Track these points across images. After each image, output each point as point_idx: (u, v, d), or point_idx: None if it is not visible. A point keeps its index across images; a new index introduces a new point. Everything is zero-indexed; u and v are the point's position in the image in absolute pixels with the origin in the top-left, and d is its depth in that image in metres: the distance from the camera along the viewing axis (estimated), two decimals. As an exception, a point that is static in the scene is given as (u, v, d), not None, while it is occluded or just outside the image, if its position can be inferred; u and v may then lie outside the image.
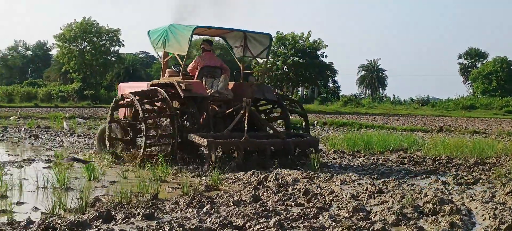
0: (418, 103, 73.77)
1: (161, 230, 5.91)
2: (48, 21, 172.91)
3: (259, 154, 11.82)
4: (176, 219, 6.51)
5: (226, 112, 12.77)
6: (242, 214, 6.73)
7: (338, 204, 7.71)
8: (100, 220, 6.40)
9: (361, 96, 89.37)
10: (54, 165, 10.69)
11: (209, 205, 7.33)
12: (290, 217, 6.72)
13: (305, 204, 7.70)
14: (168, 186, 9.29)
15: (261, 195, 8.28)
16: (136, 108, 11.96)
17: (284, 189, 8.83)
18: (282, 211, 7.11)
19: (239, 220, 6.39)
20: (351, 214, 6.90)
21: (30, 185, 8.86)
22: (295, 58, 60.60)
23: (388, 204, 7.63)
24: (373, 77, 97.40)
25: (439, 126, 29.78)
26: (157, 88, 12.21)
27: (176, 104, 12.41)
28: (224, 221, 6.31)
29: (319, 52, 61.94)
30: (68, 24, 63.78)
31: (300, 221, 6.55)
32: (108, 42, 66.00)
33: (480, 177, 10.68)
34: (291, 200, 7.88)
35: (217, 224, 6.19)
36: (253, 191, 8.55)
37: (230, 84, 13.23)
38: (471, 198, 8.13)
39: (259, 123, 12.75)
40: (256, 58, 13.83)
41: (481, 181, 10.27)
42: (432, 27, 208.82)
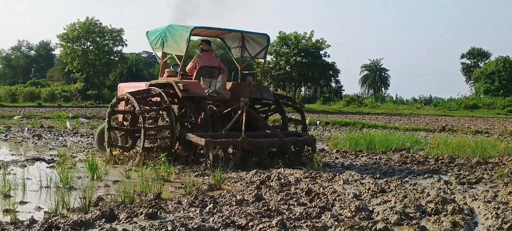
0: (421, 103, 73.78)
1: (164, 230, 5.91)
2: (48, 21, 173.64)
3: (257, 153, 11.86)
4: (179, 219, 6.52)
5: (224, 112, 12.83)
6: (244, 213, 6.74)
7: (340, 203, 7.72)
8: (103, 219, 6.41)
9: (363, 96, 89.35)
10: (57, 164, 10.72)
11: (211, 204, 7.35)
12: (293, 217, 6.73)
13: (308, 203, 7.71)
14: (171, 186, 9.31)
15: (263, 194, 8.30)
16: (134, 107, 11.96)
17: (287, 189, 8.85)
18: (285, 211, 7.12)
19: (241, 220, 6.40)
20: (353, 213, 6.91)
21: (33, 185, 8.88)
22: (298, 58, 60.52)
23: (390, 203, 7.64)
24: (375, 77, 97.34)
25: (441, 126, 29.77)
26: (153, 88, 12.30)
27: (175, 108, 12.45)
28: (227, 220, 6.31)
29: (321, 52, 61.87)
30: (71, 24, 63.84)
31: (303, 221, 6.56)
32: (111, 42, 65.99)
33: (483, 176, 10.68)
34: (293, 200, 7.89)
35: (220, 224, 6.20)
36: (256, 190, 8.56)
37: (228, 84, 13.30)
38: (473, 198, 8.13)
39: (257, 123, 12.78)
40: (254, 58, 13.84)
41: (484, 180, 10.27)
42: (434, 27, 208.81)
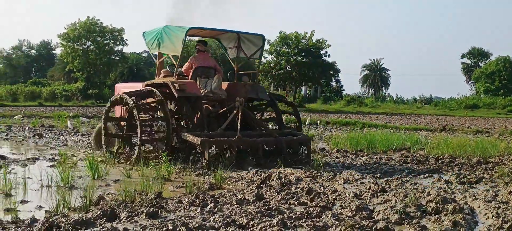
0: (421, 103, 73.83)
1: (164, 229, 5.91)
2: (48, 21, 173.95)
3: (252, 152, 11.91)
4: (179, 218, 6.53)
5: (219, 112, 12.91)
6: (245, 212, 6.74)
7: (341, 203, 7.72)
8: (104, 218, 6.42)
9: (364, 95, 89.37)
10: (58, 163, 10.73)
11: (212, 203, 7.35)
12: (293, 216, 6.73)
13: (308, 203, 7.72)
14: (172, 185, 9.32)
15: (264, 193, 8.31)
16: (131, 108, 11.98)
17: (287, 188, 8.85)
18: (285, 210, 7.13)
19: (242, 219, 6.41)
20: (354, 213, 6.92)
21: (34, 184, 8.89)
22: (298, 58, 60.44)
23: (391, 203, 7.65)
24: (376, 76, 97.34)
25: (442, 125, 29.77)
26: (149, 88, 12.34)
27: (171, 105, 12.51)
28: (228, 219, 6.32)
29: (322, 51, 61.79)
30: (72, 23, 63.83)
31: (303, 220, 6.57)
32: (112, 41, 65.95)
33: (483, 176, 10.69)
34: (294, 199, 7.89)
35: (221, 223, 6.20)
36: (256, 189, 8.57)
37: (224, 84, 13.37)
38: (474, 197, 8.14)
39: (252, 122, 12.84)
40: (250, 59, 13.88)
41: (484, 180, 10.27)
42: (435, 26, 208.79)
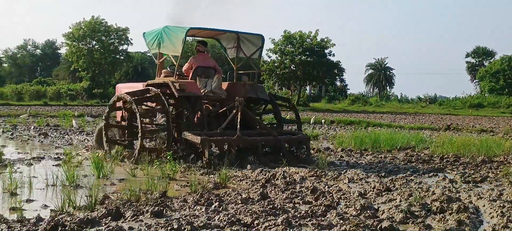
0: (426, 102, 73.73)
1: (169, 228, 5.92)
2: (48, 21, 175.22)
3: (252, 151, 11.97)
4: (184, 217, 6.54)
5: (219, 111, 13.00)
6: (250, 211, 6.76)
7: (345, 202, 7.73)
8: (109, 217, 6.44)
9: (368, 95, 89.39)
10: (63, 162, 10.76)
11: (217, 202, 7.37)
12: (298, 215, 6.74)
13: (313, 202, 7.72)
14: (177, 184, 9.33)
15: (269, 192, 8.32)
16: (132, 107, 12.04)
17: (292, 187, 8.86)
18: (290, 209, 7.14)
19: (247, 218, 6.42)
20: (358, 212, 6.92)
21: (40, 183, 8.92)
22: (303, 57, 60.40)
23: (395, 202, 7.65)
24: (380, 75, 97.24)
25: (446, 124, 29.70)
26: (150, 88, 12.43)
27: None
28: (232, 218, 6.33)
29: (326, 50, 61.72)
30: (77, 23, 64.02)
31: (308, 219, 6.57)
32: (117, 41, 66.07)
33: (488, 175, 10.68)
34: (299, 198, 7.90)
35: (225, 222, 6.21)
36: (261, 188, 8.58)
37: (224, 84, 13.44)
38: (478, 196, 8.13)
39: (252, 122, 12.90)
40: (249, 58, 13.90)
41: (489, 179, 10.26)
42: (439, 26, 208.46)
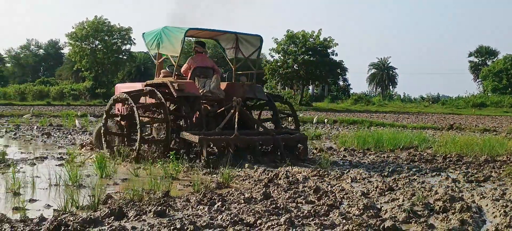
0: (428, 101, 73.61)
1: (172, 227, 5.92)
2: (48, 21, 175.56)
3: (250, 150, 12.01)
4: (187, 216, 6.55)
5: (218, 112, 13.07)
6: (253, 211, 6.76)
7: (348, 201, 7.72)
8: (112, 217, 6.44)
9: (371, 94, 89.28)
10: (66, 162, 10.77)
11: (220, 202, 7.37)
12: (301, 214, 6.75)
13: (316, 201, 7.73)
14: (179, 184, 9.33)
15: (271, 192, 8.31)
16: (131, 107, 12.12)
17: (295, 187, 8.86)
18: (293, 209, 7.14)
19: (250, 217, 6.42)
20: (361, 211, 6.92)
21: (43, 183, 8.92)
22: (306, 56, 60.40)
23: (398, 201, 7.65)
24: (383, 75, 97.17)
25: (449, 124, 29.66)
26: (148, 88, 12.49)
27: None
28: (235, 218, 6.34)
29: (329, 50, 61.71)
30: (80, 22, 64.16)
31: (311, 218, 6.58)
32: (120, 40, 66.22)
33: (491, 174, 10.66)
34: (301, 198, 7.90)
35: (228, 221, 6.21)
36: (264, 188, 8.59)
37: (223, 84, 13.48)
38: (481, 196, 8.13)
39: (249, 121, 13.00)
40: (248, 59, 13.92)
41: (492, 178, 10.25)
42: (442, 25, 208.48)
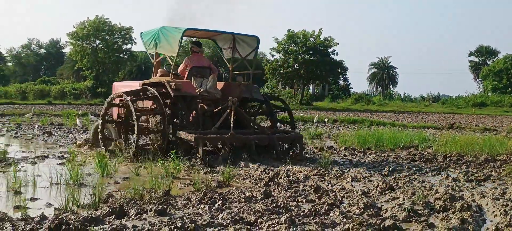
0: (429, 101, 73.57)
1: (173, 226, 5.92)
2: (48, 21, 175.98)
3: (245, 149, 12.05)
4: (188, 215, 6.57)
5: (214, 111, 13.11)
6: (253, 210, 6.77)
7: (349, 200, 7.74)
8: (113, 216, 6.45)
9: (371, 93, 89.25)
10: (67, 161, 10.79)
11: (220, 201, 7.39)
12: (301, 213, 6.76)
13: (316, 200, 7.73)
14: (180, 183, 9.35)
15: (272, 191, 8.33)
16: (128, 106, 12.17)
17: (295, 186, 8.87)
18: (293, 207, 7.15)
19: (250, 216, 6.44)
20: (362, 210, 6.93)
21: (44, 181, 8.93)
22: (306, 56, 60.39)
23: (399, 200, 7.66)
24: (383, 74, 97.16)
25: (449, 123, 29.66)
26: (146, 87, 12.56)
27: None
28: (236, 217, 6.35)
29: (330, 49, 61.69)
30: (81, 22, 64.21)
31: (311, 217, 6.59)
32: (121, 40, 66.24)
33: (491, 173, 10.68)
34: (302, 197, 7.92)
35: (229, 220, 6.23)
36: (265, 187, 8.59)
37: (220, 84, 13.52)
38: (481, 195, 8.13)
39: (245, 121, 13.03)
40: (244, 59, 13.94)
41: (492, 177, 10.27)
42: (442, 24, 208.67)
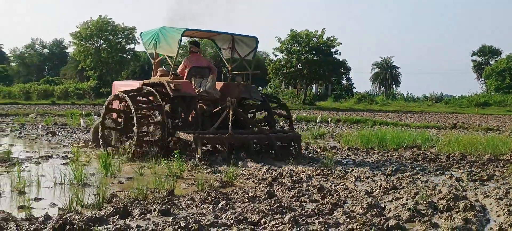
0: (432, 101, 73.53)
1: (177, 226, 5.92)
2: (48, 21, 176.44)
3: (244, 149, 12.10)
4: (191, 215, 6.58)
5: (213, 111, 13.16)
6: (257, 210, 6.77)
7: (352, 200, 7.74)
8: (117, 215, 6.46)
9: (374, 93, 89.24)
10: (71, 161, 10.81)
11: (224, 201, 7.39)
12: (305, 213, 6.76)
13: (320, 200, 7.74)
14: (184, 183, 9.35)
15: (275, 191, 8.33)
16: (128, 104, 12.24)
17: (299, 185, 8.88)
18: (297, 207, 7.15)
19: (254, 216, 6.44)
20: (365, 210, 6.93)
21: (48, 181, 8.95)
22: (309, 56, 60.37)
23: (402, 200, 7.66)
24: (386, 74, 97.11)
25: (452, 123, 29.64)
26: (145, 86, 12.68)
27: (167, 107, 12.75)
28: (239, 217, 6.36)
29: (332, 49, 61.65)
30: (84, 22, 64.34)
31: (315, 217, 6.59)
32: (124, 40, 66.33)
33: (494, 173, 10.67)
34: (305, 196, 7.92)
35: (233, 220, 6.24)
36: (268, 187, 8.60)
37: (219, 84, 13.55)
38: (485, 195, 8.13)
39: (244, 121, 13.09)
40: (243, 59, 13.96)
41: (495, 177, 10.26)
42: (445, 24, 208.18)
